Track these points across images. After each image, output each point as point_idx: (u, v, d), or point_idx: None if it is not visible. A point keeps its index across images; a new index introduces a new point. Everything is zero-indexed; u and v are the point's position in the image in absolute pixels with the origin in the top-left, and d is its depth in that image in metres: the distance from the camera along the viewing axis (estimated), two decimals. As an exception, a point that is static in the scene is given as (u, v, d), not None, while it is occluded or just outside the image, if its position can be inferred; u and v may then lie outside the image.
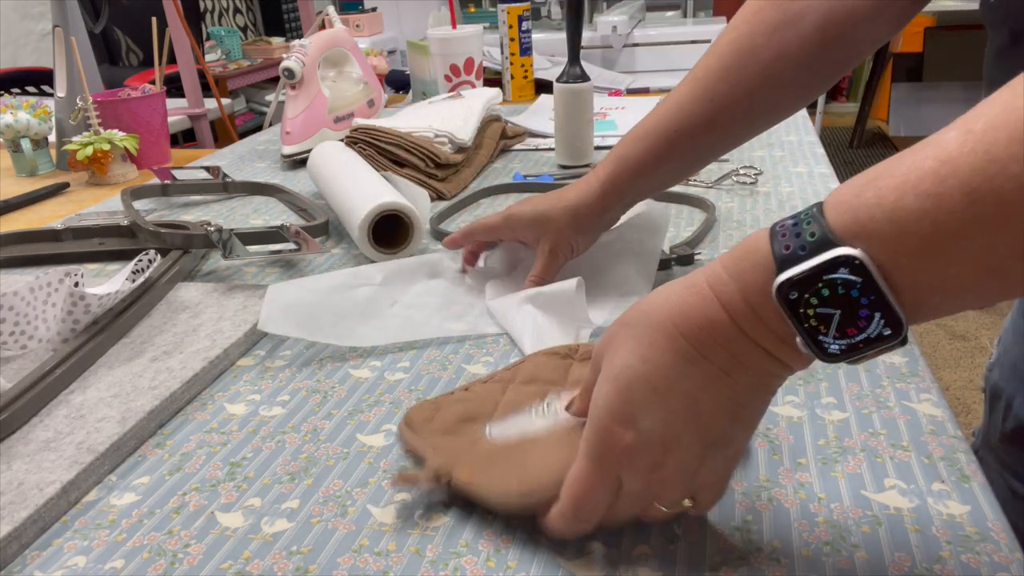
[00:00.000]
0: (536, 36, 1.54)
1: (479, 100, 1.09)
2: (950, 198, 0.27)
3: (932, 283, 0.28)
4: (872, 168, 0.30)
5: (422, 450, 0.44)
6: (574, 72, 0.95)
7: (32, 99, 1.25)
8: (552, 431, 0.43)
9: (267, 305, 0.59)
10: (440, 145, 0.96)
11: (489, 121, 1.09)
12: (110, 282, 0.68)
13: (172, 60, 1.46)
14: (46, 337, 0.60)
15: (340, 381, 0.55)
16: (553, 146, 1.04)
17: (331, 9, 1.29)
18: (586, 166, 1.00)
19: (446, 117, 1.01)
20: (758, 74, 0.54)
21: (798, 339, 0.31)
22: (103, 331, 0.59)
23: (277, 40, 3.29)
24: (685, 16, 2.17)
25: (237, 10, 4.04)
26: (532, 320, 0.58)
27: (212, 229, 0.73)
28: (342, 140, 0.97)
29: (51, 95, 1.44)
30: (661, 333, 0.34)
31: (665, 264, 0.69)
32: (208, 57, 2.99)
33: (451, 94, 1.16)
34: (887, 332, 0.29)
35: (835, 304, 0.29)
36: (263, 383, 0.56)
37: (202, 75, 1.69)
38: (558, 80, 0.96)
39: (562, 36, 1.37)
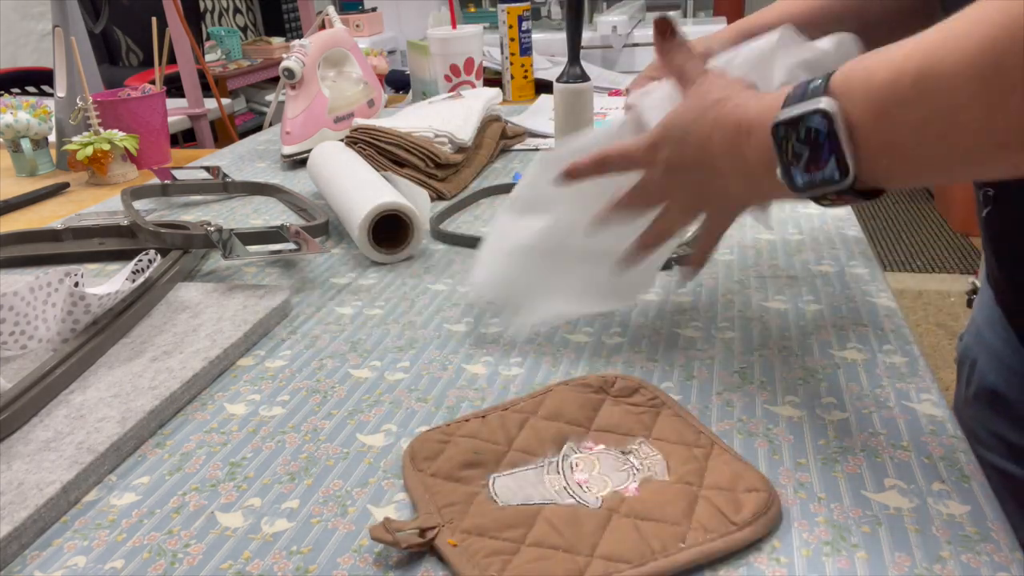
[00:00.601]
0: (536, 36, 1.54)
1: (479, 100, 1.09)
2: (906, 74, 0.35)
3: (885, 142, 0.37)
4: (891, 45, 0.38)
5: (417, 494, 0.42)
6: (574, 72, 0.95)
7: (32, 99, 1.25)
8: (556, 508, 0.40)
9: (480, 271, 0.57)
10: (440, 145, 0.96)
11: (489, 121, 1.10)
12: (110, 282, 0.68)
13: (172, 60, 1.46)
14: (46, 337, 0.60)
15: (340, 381, 0.55)
16: (553, 146, 1.04)
17: (331, 9, 1.29)
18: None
19: (446, 117, 1.01)
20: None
21: (778, 169, 0.41)
22: (103, 331, 0.59)
23: (277, 40, 3.29)
24: (685, 16, 2.17)
25: (237, 10, 4.04)
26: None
27: (212, 229, 0.73)
28: (342, 140, 0.97)
29: (51, 95, 1.44)
30: (710, 119, 0.45)
31: (665, 264, 0.69)
32: (208, 57, 2.99)
33: (451, 94, 1.16)
34: (837, 176, 0.38)
35: (807, 143, 0.38)
36: (263, 383, 0.56)
37: (202, 75, 1.69)
38: (558, 80, 0.96)
39: (562, 36, 1.37)
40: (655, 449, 0.45)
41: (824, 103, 0.37)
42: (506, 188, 0.95)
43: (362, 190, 0.77)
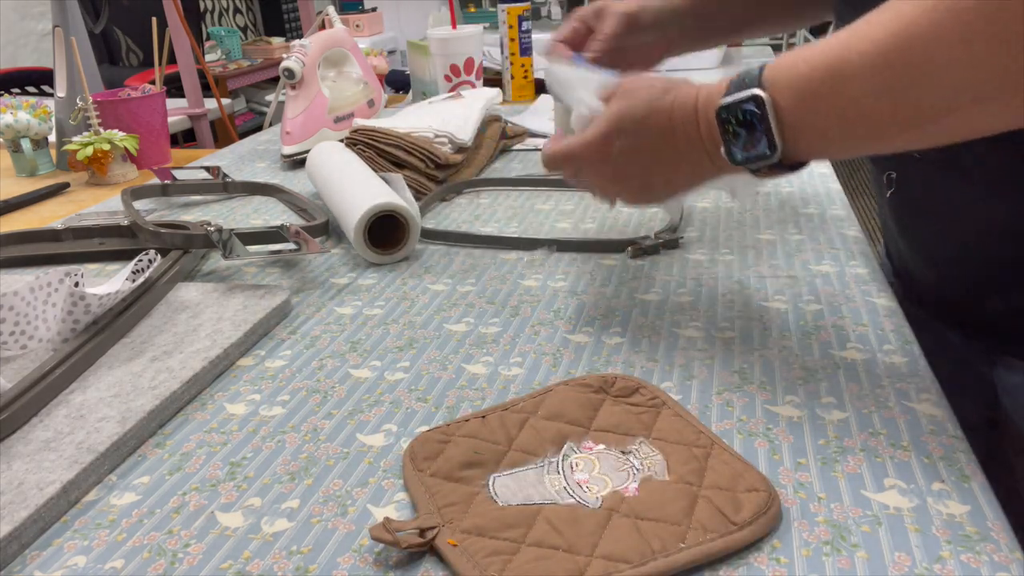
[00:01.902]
0: (536, 36, 1.54)
1: (479, 100, 1.09)
2: (819, 69, 0.42)
3: (806, 124, 0.44)
4: (805, 47, 0.44)
5: (417, 494, 0.42)
6: (574, 72, 0.95)
7: (32, 99, 1.25)
8: (556, 508, 0.41)
9: None
10: (440, 145, 0.96)
11: (489, 121, 1.09)
12: (110, 282, 0.68)
13: (172, 60, 1.46)
14: (46, 337, 0.60)
15: (340, 381, 0.55)
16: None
17: (331, 9, 1.29)
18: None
19: (446, 117, 1.01)
20: None
21: (720, 148, 0.47)
22: (103, 331, 0.59)
23: (277, 40, 3.29)
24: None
25: (237, 10, 4.04)
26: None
27: (212, 229, 0.73)
28: (341, 141, 0.97)
29: (51, 95, 1.44)
30: (660, 107, 0.50)
31: (653, 250, 0.72)
32: (208, 57, 3.00)
33: (451, 94, 1.16)
34: (768, 152, 0.45)
35: (744, 127, 0.45)
36: (263, 383, 0.56)
37: (202, 75, 1.69)
38: (558, 80, 0.96)
39: (562, 36, 1.36)
40: (655, 449, 0.45)
41: (756, 91, 0.44)
42: (500, 181, 0.95)
43: (358, 192, 0.77)
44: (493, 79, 1.51)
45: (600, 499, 0.41)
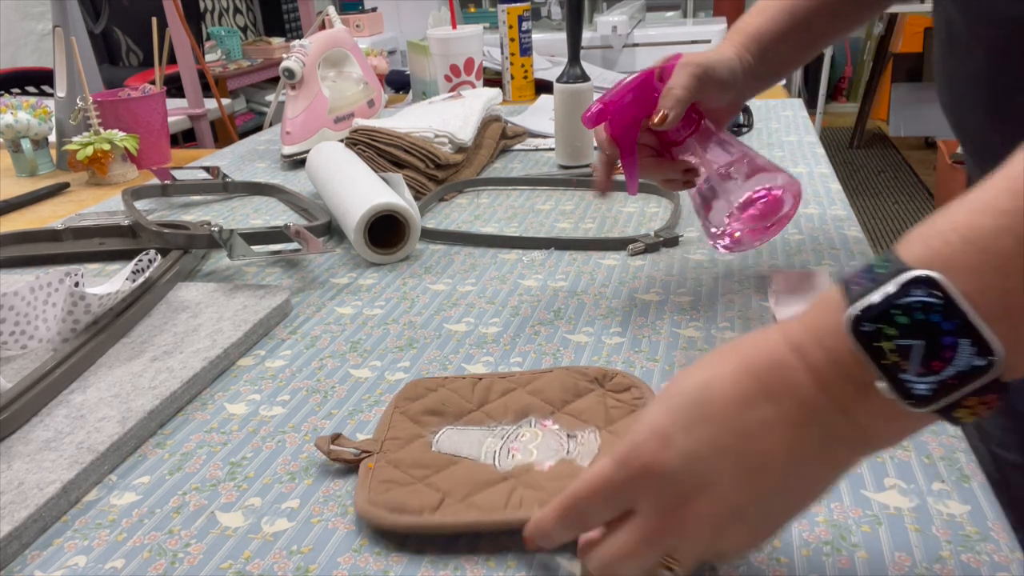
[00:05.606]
0: (536, 36, 1.54)
1: (479, 100, 1.09)
2: (1007, 213, 0.26)
3: (1013, 305, 0.26)
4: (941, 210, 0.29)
5: (380, 424, 0.47)
6: (574, 72, 0.95)
7: (32, 99, 1.25)
8: (469, 463, 0.43)
9: None
10: (440, 145, 0.96)
11: (489, 121, 1.10)
12: (110, 282, 0.68)
13: (172, 60, 1.46)
14: (46, 337, 0.60)
15: (340, 381, 0.55)
16: (553, 146, 1.04)
17: (331, 9, 1.29)
18: (586, 166, 1.00)
19: (446, 117, 1.01)
20: None
21: (878, 383, 0.28)
22: (103, 331, 0.59)
23: (277, 40, 3.29)
24: (685, 16, 2.17)
25: (237, 10, 4.04)
26: None
27: (215, 229, 0.73)
28: (341, 141, 0.97)
29: (51, 95, 1.44)
30: (729, 368, 0.31)
31: (652, 248, 0.73)
32: (208, 57, 2.99)
33: (451, 94, 1.16)
34: (980, 363, 0.27)
35: (915, 334, 0.27)
36: (263, 383, 0.56)
37: (202, 75, 1.69)
38: (558, 80, 0.96)
39: (562, 36, 1.37)
40: (600, 439, 0.45)
41: (919, 272, 0.27)
42: (500, 181, 0.95)
43: (358, 192, 0.77)
44: (493, 79, 1.51)
45: (512, 467, 0.43)
